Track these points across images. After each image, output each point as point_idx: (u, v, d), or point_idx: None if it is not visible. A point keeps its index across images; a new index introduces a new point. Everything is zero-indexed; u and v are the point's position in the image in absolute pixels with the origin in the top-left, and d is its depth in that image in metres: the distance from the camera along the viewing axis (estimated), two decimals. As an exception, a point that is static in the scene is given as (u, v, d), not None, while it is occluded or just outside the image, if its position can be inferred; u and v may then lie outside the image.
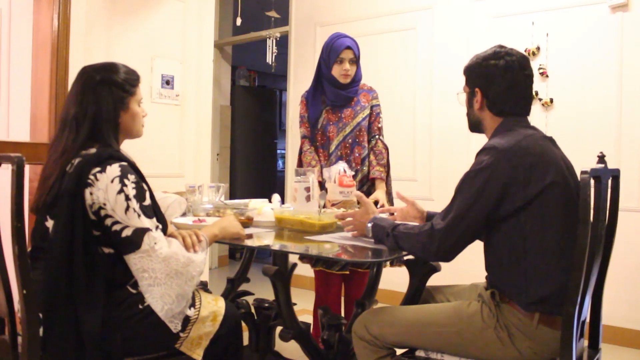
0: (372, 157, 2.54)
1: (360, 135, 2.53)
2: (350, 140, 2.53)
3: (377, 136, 2.57)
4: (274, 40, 4.79)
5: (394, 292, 3.43)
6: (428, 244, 1.45)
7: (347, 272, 2.51)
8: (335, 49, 2.45)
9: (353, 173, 2.42)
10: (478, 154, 1.49)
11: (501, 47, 1.55)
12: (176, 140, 3.58)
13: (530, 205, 1.40)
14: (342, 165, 2.31)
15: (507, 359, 1.43)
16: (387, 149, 2.57)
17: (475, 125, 1.62)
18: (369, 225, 1.65)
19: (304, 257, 2.60)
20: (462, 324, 1.48)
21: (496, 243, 1.48)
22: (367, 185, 2.55)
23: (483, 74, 1.54)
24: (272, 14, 5.00)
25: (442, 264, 2.35)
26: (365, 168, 2.54)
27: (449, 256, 1.47)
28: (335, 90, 2.51)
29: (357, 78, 2.55)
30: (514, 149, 1.42)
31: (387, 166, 2.55)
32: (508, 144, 1.43)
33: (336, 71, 2.48)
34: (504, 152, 1.41)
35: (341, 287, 2.65)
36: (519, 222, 1.42)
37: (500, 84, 1.51)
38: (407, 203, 1.88)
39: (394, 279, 2.89)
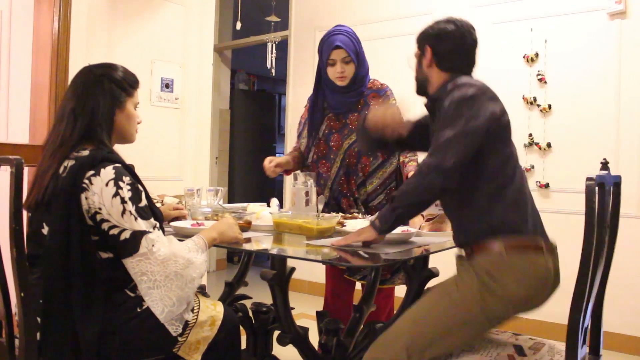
0: (402, 157, 2.24)
1: None
2: (356, 149, 2.23)
3: None
4: (274, 44, 4.80)
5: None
6: (440, 162, 1.43)
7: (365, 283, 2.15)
8: (326, 50, 2.19)
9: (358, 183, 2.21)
10: (451, 91, 1.51)
11: (453, 17, 1.64)
12: (175, 144, 3.58)
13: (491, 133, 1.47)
14: None
15: (513, 302, 1.41)
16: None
17: (421, 85, 1.68)
18: (373, 225, 1.56)
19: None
20: (455, 302, 1.43)
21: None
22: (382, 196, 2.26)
23: (434, 34, 1.62)
24: (272, 18, 5.01)
25: (441, 268, 2.35)
26: (376, 180, 2.25)
27: (457, 172, 1.45)
28: (335, 95, 2.26)
29: (358, 77, 2.24)
30: (485, 84, 1.52)
31: None
32: (476, 80, 1.54)
33: (331, 74, 2.21)
34: (481, 85, 1.50)
35: (352, 297, 2.41)
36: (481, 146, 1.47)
37: (450, 42, 1.60)
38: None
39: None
